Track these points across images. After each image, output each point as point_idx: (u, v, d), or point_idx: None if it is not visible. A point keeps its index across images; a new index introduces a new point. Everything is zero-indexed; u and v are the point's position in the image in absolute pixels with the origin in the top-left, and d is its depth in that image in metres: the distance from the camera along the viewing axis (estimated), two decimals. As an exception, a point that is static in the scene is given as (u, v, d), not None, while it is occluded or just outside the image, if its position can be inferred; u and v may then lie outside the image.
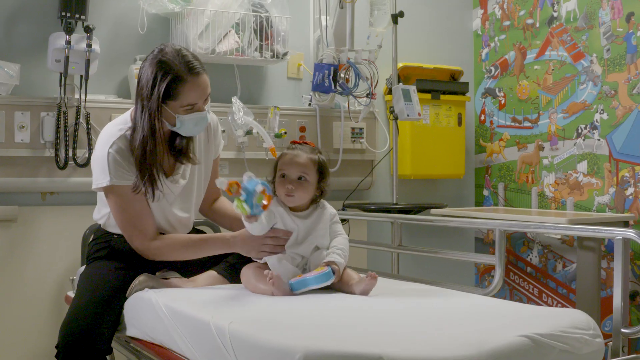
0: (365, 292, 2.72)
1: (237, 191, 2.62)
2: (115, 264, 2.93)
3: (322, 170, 2.93)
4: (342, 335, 2.10)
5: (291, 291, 2.69)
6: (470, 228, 4.94)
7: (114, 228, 3.01)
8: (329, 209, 2.97)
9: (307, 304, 2.55)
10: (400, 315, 2.41)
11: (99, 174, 2.88)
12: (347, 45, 4.03)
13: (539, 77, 4.63)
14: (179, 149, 2.97)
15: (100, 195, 3.03)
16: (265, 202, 2.66)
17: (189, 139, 3.00)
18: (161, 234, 3.00)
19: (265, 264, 2.82)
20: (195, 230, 3.28)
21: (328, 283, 2.70)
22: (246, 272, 2.84)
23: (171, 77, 2.79)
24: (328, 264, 2.75)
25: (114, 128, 2.93)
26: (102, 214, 3.06)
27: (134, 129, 2.86)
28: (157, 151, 2.86)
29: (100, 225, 3.11)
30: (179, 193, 3.03)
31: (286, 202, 2.86)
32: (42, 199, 3.78)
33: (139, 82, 2.86)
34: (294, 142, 2.99)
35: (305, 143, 2.98)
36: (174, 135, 2.94)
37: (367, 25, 4.27)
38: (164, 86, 2.78)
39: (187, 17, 3.84)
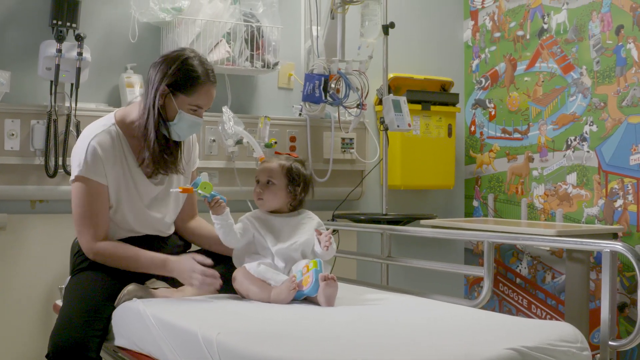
0: (329, 301, 2.73)
1: (190, 189, 2.87)
2: (101, 274, 2.92)
3: (292, 176, 3.03)
4: (330, 347, 2.10)
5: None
6: (459, 239, 4.94)
7: None
8: (316, 218, 3.05)
9: (295, 314, 2.55)
10: (389, 327, 2.41)
11: (74, 164, 2.93)
12: (338, 55, 4.03)
13: (529, 88, 4.64)
14: (167, 156, 2.99)
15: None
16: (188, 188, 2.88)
17: (179, 148, 3.02)
18: (132, 237, 3.03)
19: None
20: (182, 239, 3.29)
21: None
22: (241, 271, 2.88)
23: (194, 74, 2.88)
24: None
25: (98, 124, 2.98)
26: None
27: (147, 116, 2.91)
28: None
29: None
30: (155, 196, 3.05)
31: (258, 205, 3.03)
32: (31, 207, 3.77)
33: (157, 71, 2.90)
34: (276, 153, 3.14)
35: (288, 154, 3.08)
36: (162, 142, 2.96)
37: (358, 36, 4.27)
38: (184, 79, 2.87)
39: (179, 27, 3.84)
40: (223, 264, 3.00)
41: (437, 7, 5.07)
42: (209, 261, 2.88)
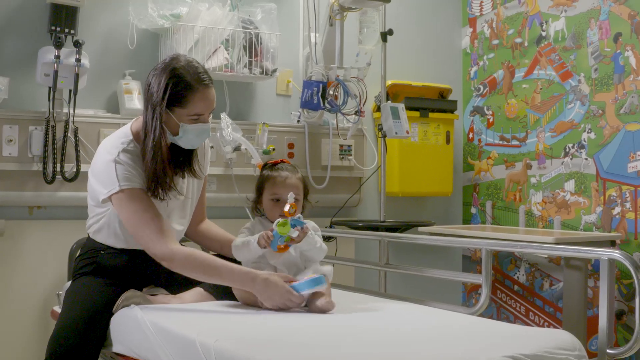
0: (323, 310, 2.72)
1: (292, 213, 2.78)
2: (102, 280, 2.91)
3: (305, 186, 3.04)
4: (328, 354, 2.10)
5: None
6: (457, 246, 4.94)
7: (104, 238, 2.99)
8: (311, 223, 3.00)
9: (292, 322, 2.55)
10: (387, 335, 2.40)
11: (107, 182, 2.82)
12: (336, 62, 4.04)
13: (527, 95, 4.65)
14: (182, 162, 2.98)
15: (90, 206, 3.02)
16: (282, 247, 2.80)
17: (193, 153, 3.01)
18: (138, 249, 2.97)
19: None
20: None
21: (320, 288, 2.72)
22: None
23: (182, 85, 2.80)
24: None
25: (116, 141, 2.91)
26: (90, 223, 3.04)
27: (145, 135, 2.85)
28: (164, 153, 2.87)
29: (88, 237, 3.08)
30: (176, 207, 3.03)
31: None
32: (29, 213, 3.77)
33: (148, 89, 2.85)
34: (272, 163, 3.05)
35: (282, 161, 3.06)
36: (175, 150, 2.95)
37: (356, 43, 4.28)
38: (175, 92, 2.80)
39: (177, 33, 3.84)
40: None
41: (436, 15, 5.07)
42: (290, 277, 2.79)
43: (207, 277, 2.82)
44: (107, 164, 2.84)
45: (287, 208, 2.79)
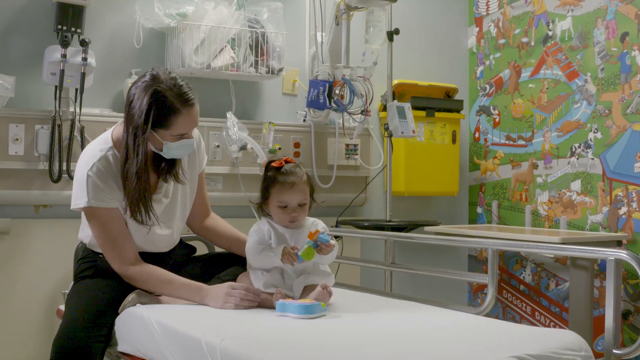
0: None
1: (315, 238, 2.79)
2: (105, 280, 2.91)
3: (312, 186, 2.99)
4: (334, 354, 2.10)
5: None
6: (463, 246, 4.93)
7: (98, 247, 3.00)
8: (321, 223, 3.00)
9: (298, 322, 2.54)
10: (392, 335, 2.40)
11: (78, 195, 2.86)
12: (343, 61, 4.03)
13: (534, 95, 4.64)
14: (164, 168, 2.97)
15: (84, 215, 3.02)
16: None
17: (177, 160, 2.99)
18: (145, 252, 2.97)
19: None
20: (186, 246, 3.28)
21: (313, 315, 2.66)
22: (246, 282, 2.88)
23: (167, 109, 2.76)
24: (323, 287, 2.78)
25: (95, 149, 2.90)
26: (86, 233, 3.04)
27: (126, 157, 2.82)
28: (148, 178, 2.86)
29: (85, 244, 3.09)
30: (161, 212, 3.00)
31: (289, 227, 2.91)
32: (35, 211, 3.77)
33: (130, 107, 2.81)
34: (277, 165, 2.96)
35: (286, 161, 2.96)
36: (158, 156, 2.93)
37: (362, 42, 4.27)
38: (158, 115, 2.76)
39: (183, 32, 3.84)
40: (240, 265, 3.02)
41: (442, 14, 5.07)
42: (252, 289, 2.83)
43: (162, 291, 2.91)
44: (81, 176, 2.85)
45: (314, 229, 2.83)
